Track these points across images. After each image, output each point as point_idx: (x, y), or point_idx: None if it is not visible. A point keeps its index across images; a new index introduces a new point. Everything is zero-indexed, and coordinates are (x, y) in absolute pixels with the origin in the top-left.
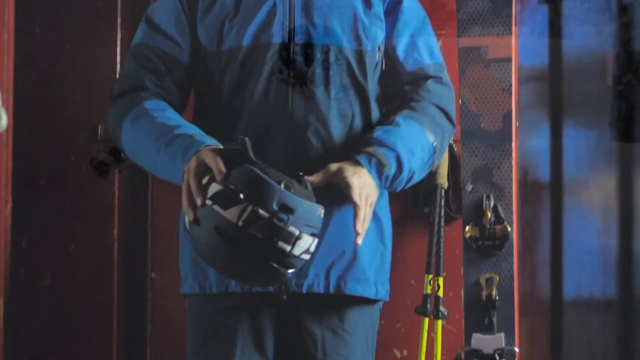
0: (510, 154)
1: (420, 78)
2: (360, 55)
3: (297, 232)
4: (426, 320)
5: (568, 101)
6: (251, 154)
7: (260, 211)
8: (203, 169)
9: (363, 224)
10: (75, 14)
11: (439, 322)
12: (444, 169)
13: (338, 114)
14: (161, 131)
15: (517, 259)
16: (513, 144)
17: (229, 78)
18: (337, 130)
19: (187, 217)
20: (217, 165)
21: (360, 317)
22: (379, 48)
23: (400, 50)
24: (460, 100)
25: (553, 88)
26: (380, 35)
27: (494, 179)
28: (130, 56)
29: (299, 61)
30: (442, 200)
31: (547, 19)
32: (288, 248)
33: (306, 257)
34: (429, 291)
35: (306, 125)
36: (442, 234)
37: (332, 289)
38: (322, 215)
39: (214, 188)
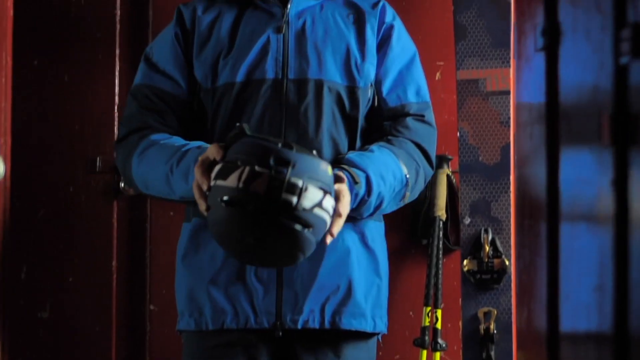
0: (509, 188)
1: (400, 115)
2: (352, 92)
3: (300, 183)
4: (424, 352)
5: (565, 135)
6: (249, 132)
7: (258, 168)
8: (207, 162)
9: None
10: (74, 46)
11: (437, 355)
12: (441, 201)
13: (330, 151)
14: (170, 152)
15: (515, 293)
16: (511, 177)
17: (223, 113)
18: (330, 163)
19: (201, 209)
20: (217, 150)
21: (356, 352)
22: (372, 85)
23: (385, 86)
24: (458, 133)
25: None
26: (372, 71)
27: (492, 212)
28: (131, 97)
29: (292, 97)
30: (440, 232)
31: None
32: (294, 199)
33: (322, 214)
34: (427, 323)
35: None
36: (440, 266)
37: (327, 324)
38: (330, 173)
39: (216, 169)
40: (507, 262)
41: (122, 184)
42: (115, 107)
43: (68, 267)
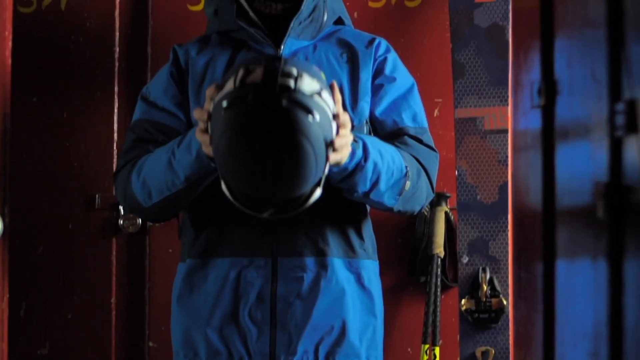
0: (506, 227)
1: (399, 135)
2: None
3: (295, 71)
4: None
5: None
6: None
7: (251, 66)
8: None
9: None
10: (73, 83)
11: None
12: (439, 239)
13: (327, 190)
14: (169, 146)
15: (513, 333)
16: (509, 217)
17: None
18: (325, 207)
19: (205, 146)
20: (212, 87)
21: None
22: (367, 122)
23: (379, 110)
24: (456, 172)
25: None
26: (367, 109)
27: (490, 251)
28: (129, 131)
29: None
30: (439, 270)
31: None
32: (291, 82)
33: (323, 105)
34: None
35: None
36: (438, 303)
37: None
38: (323, 77)
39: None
40: (504, 302)
41: (122, 221)
42: (114, 145)
43: (67, 304)
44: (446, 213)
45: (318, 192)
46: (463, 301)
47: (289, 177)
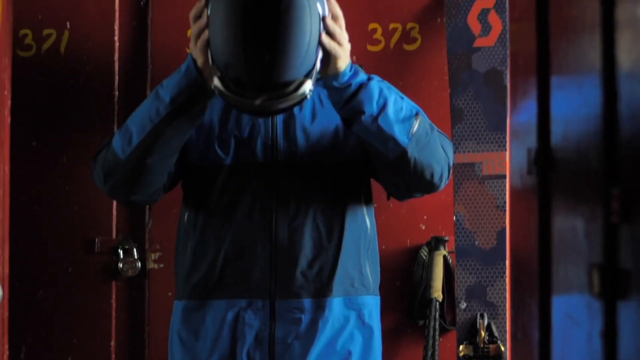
0: (504, 272)
1: None
2: (343, 168)
3: None
4: None
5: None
6: None
7: None
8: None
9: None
10: (72, 127)
11: None
12: (438, 283)
13: (325, 230)
14: (150, 95)
15: None
16: (507, 262)
17: (214, 195)
18: (323, 246)
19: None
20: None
21: None
22: (361, 155)
23: None
24: (454, 217)
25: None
26: (359, 149)
27: (488, 297)
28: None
29: (281, 180)
30: (437, 314)
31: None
32: None
33: None
34: None
35: (291, 244)
36: (436, 347)
37: None
38: None
39: None
40: (502, 348)
41: (121, 264)
42: None
43: (67, 348)
44: (444, 257)
45: (309, 83)
46: (461, 347)
47: (283, 44)
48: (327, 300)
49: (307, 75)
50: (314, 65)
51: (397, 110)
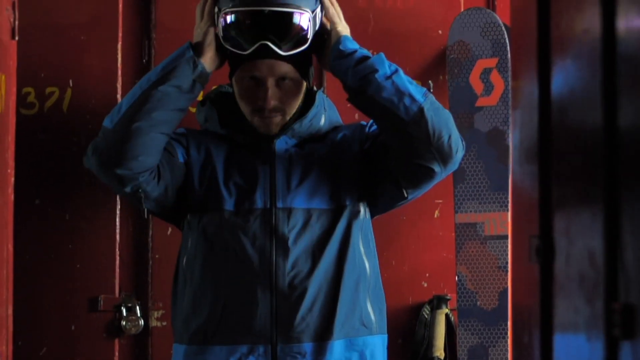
0: (506, 333)
1: None
2: (340, 213)
3: None
4: None
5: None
6: None
7: None
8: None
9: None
10: (75, 186)
11: None
12: (440, 342)
13: (323, 275)
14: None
15: None
16: (509, 323)
17: (214, 240)
18: (322, 290)
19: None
20: None
21: None
22: (358, 198)
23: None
24: (456, 277)
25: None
26: (356, 191)
27: (490, 357)
28: None
29: (281, 226)
30: None
31: None
32: None
33: None
34: None
35: (291, 289)
36: None
37: None
38: None
39: None
40: None
41: (124, 322)
42: (116, 246)
43: None
44: (447, 315)
45: (307, 17)
46: None
47: None
48: (328, 344)
49: (306, 16)
50: (314, 10)
51: (408, 78)
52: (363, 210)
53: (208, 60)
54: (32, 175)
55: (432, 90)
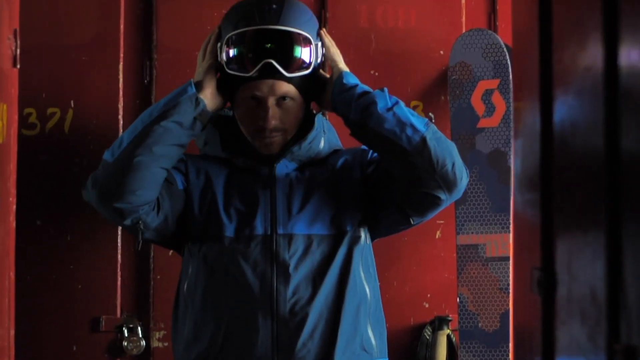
0: (508, 355)
1: None
2: (340, 239)
3: None
4: None
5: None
6: None
7: None
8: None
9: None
10: (76, 207)
11: None
12: None
13: (324, 301)
14: (147, 111)
15: None
16: (510, 344)
17: (215, 267)
18: (323, 316)
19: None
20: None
21: None
22: (360, 223)
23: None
24: (458, 299)
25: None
26: (357, 217)
27: None
28: None
29: (281, 252)
30: None
31: None
32: None
33: None
34: None
35: (292, 315)
36: None
37: None
38: None
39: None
40: None
41: (126, 343)
42: (118, 267)
43: None
44: (448, 336)
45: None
46: None
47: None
48: None
49: (308, 41)
50: (317, 37)
51: (409, 109)
52: (364, 236)
53: (209, 97)
54: (33, 196)
55: (434, 121)
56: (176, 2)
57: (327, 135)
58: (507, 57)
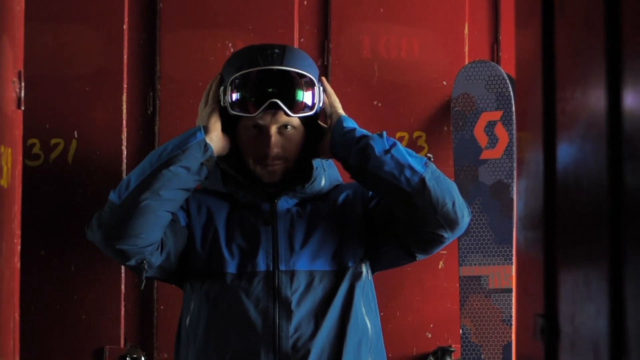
0: None
1: None
2: (342, 275)
3: None
4: None
5: None
6: None
7: None
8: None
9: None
10: (80, 237)
11: None
12: None
13: (326, 337)
14: (154, 153)
15: None
16: None
17: (217, 303)
18: (325, 352)
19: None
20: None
21: None
22: (361, 259)
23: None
24: (460, 330)
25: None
26: (359, 252)
27: None
28: None
29: (284, 289)
30: None
31: None
32: None
33: None
34: None
35: (294, 351)
36: None
37: None
38: None
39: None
40: None
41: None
42: (122, 296)
43: None
44: None
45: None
46: None
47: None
48: None
49: (312, 84)
50: (318, 82)
51: (408, 150)
52: (365, 271)
53: (215, 142)
54: (37, 226)
55: (432, 160)
56: (179, 33)
57: (327, 172)
58: (510, 89)
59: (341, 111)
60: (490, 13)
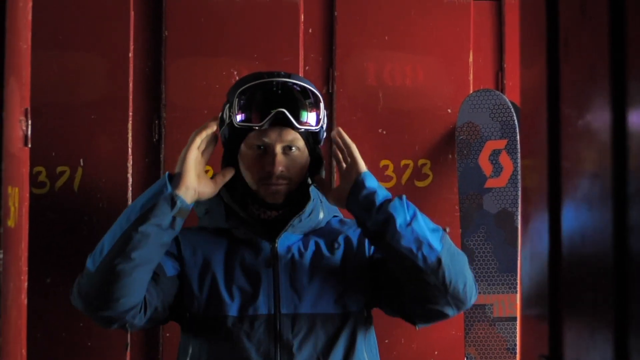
0: None
1: None
2: (346, 318)
3: None
4: None
5: None
6: None
7: None
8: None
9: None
10: (84, 264)
11: None
12: None
13: None
14: (125, 212)
15: None
16: None
17: (218, 346)
18: None
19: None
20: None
21: None
22: (365, 305)
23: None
24: (465, 359)
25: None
26: (362, 298)
27: None
28: None
29: (285, 332)
30: None
31: None
32: None
33: None
34: None
35: None
36: None
37: None
38: None
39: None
40: None
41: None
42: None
43: None
44: None
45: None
46: None
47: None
48: None
49: (317, 103)
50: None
51: (426, 220)
52: (367, 315)
53: (190, 187)
54: (43, 254)
55: (448, 231)
56: (185, 60)
57: (324, 204)
58: (515, 117)
59: (363, 166)
60: (495, 41)
